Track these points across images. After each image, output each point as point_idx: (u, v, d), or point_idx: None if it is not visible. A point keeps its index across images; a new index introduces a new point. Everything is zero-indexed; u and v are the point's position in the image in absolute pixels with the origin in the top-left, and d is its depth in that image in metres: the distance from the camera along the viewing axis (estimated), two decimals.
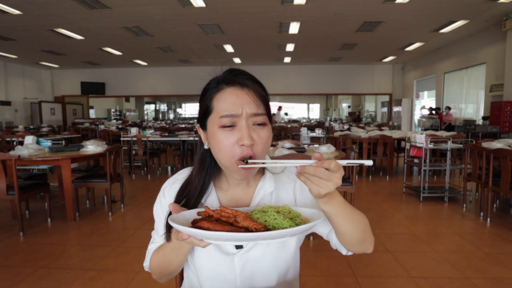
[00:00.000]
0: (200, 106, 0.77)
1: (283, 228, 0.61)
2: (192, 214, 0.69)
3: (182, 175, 0.86)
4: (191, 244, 0.63)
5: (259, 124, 0.72)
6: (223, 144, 0.70)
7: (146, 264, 0.85)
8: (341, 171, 0.59)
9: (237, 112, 0.70)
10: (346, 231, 0.72)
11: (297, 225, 0.62)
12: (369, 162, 0.59)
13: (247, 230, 0.61)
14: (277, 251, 0.79)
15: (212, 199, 0.82)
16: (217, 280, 0.79)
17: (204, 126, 0.77)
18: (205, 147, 0.78)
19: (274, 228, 0.62)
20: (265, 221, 0.64)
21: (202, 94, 0.76)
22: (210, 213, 0.65)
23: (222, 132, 0.70)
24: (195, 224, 0.63)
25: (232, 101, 0.70)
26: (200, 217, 0.67)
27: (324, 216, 0.78)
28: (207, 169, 0.80)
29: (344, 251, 0.83)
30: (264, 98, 0.73)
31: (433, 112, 10.18)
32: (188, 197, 0.79)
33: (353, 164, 0.60)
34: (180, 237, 0.60)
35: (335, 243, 0.83)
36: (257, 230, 0.60)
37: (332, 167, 0.58)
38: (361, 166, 5.97)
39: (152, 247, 0.85)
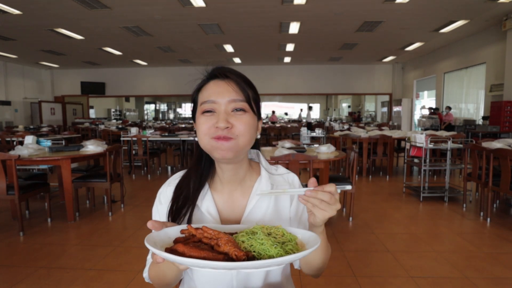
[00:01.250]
0: (191, 100, 0.82)
1: (269, 256, 0.56)
2: (175, 231, 0.66)
3: (177, 178, 0.86)
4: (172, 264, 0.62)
5: (238, 110, 0.74)
6: (203, 126, 0.74)
7: (145, 275, 0.84)
8: (338, 195, 0.64)
9: (216, 98, 0.73)
10: (315, 259, 0.77)
11: (286, 252, 0.57)
12: (348, 187, 0.65)
13: (226, 256, 0.55)
14: None
15: (207, 201, 0.81)
16: (214, 282, 0.79)
17: (194, 119, 0.80)
18: (196, 139, 0.80)
19: (259, 255, 0.57)
20: (250, 245, 0.58)
21: (193, 91, 0.81)
22: (193, 232, 0.62)
23: (203, 117, 0.74)
24: (177, 243, 0.59)
25: (213, 90, 0.75)
26: (183, 235, 0.63)
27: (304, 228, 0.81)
28: (204, 162, 0.83)
29: (296, 265, 0.86)
30: (243, 88, 0.75)
31: (433, 111, 10.18)
32: (187, 189, 0.80)
33: (342, 188, 0.65)
34: (155, 259, 0.59)
35: None
36: (237, 258, 0.55)
37: (334, 190, 0.63)
38: (361, 166, 5.97)
39: (150, 257, 0.84)
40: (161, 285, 0.80)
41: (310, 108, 14.45)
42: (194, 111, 0.80)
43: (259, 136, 0.81)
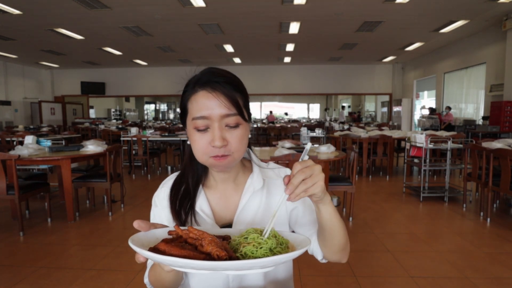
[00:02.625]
0: (180, 106, 0.81)
1: (254, 257, 0.54)
2: (163, 233, 0.65)
3: (171, 179, 0.87)
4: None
5: (232, 127, 0.73)
6: (198, 143, 0.74)
7: (146, 281, 0.83)
8: (309, 161, 0.62)
9: (207, 114, 0.72)
10: (335, 235, 0.74)
11: (273, 254, 0.56)
12: (308, 145, 0.64)
13: (209, 256, 0.54)
14: None
15: (201, 200, 0.82)
16: (209, 280, 0.79)
17: (184, 124, 0.80)
18: (188, 142, 0.80)
19: (244, 256, 0.56)
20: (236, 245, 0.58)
21: (182, 94, 0.79)
22: (179, 233, 0.61)
23: (197, 134, 0.73)
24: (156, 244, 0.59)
25: (203, 104, 0.72)
26: (171, 236, 0.62)
27: (310, 219, 0.82)
28: (197, 162, 0.82)
29: (319, 257, 0.83)
30: (234, 99, 0.73)
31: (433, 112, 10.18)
32: (185, 189, 0.81)
33: (304, 155, 0.64)
34: (137, 258, 0.59)
35: (312, 247, 0.84)
36: (219, 258, 0.54)
37: (300, 167, 0.61)
38: (361, 166, 5.97)
39: (150, 261, 0.84)
40: None
41: (343, 108, 14.05)
42: (183, 117, 0.79)
43: (250, 136, 0.80)
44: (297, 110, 25.52)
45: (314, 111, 25.32)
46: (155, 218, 0.84)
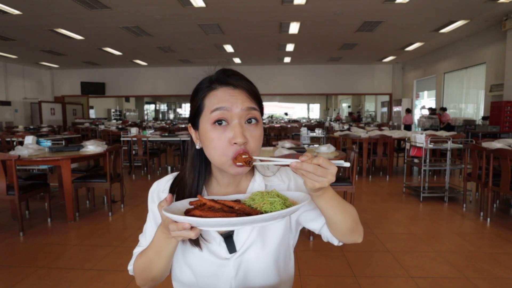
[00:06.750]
0: (192, 105, 0.77)
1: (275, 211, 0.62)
2: (184, 204, 0.68)
3: (168, 181, 0.86)
4: (180, 237, 0.62)
5: (251, 122, 0.71)
6: (216, 142, 0.70)
7: (130, 268, 0.84)
8: (334, 167, 0.60)
9: (230, 106, 0.69)
10: (337, 221, 0.73)
11: (287, 207, 0.64)
12: (346, 164, 0.62)
13: (244, 213, 0.61)
14: (271, 251, 0.79)
15: None
16: (213, 281, 0.79)
17: (196, 126, 0.76)
18: (197, 147, 0.77)
19: (266, 212, 0.63)
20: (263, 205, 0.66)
21: (194, 93, 0.76)
22: (203, 201, 0.64)
23: (215, 130, 0.70)
24: (187, 213, 0.63)
25: (224, 98, 0.70)
26: (192, 206, 0.66)
27: (316, 212, 0.82)
28: (198, 170, 0.80)
29: (335, 242, 0.84)
30: (257, 96, 0.73)
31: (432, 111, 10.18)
32: (190, 188, 0.79)
33: (334, 164, 0.63)
34: (181, 226, 0.59)
35: (326, 235, 0.84)
36: (254, 213, 0.61)
37: (321, 162, 0.59)
38: (361, 167, 5.97)
39: (137, 250, 0.84)
40: (146, 280, 0.79)
41: (442, 110, 9.67)
42: (195, 116, 0.75)
43: None
44: (297, 110, 25.54)
45: (314, 111, 25.33)
46: (153, 213, 0.84)
